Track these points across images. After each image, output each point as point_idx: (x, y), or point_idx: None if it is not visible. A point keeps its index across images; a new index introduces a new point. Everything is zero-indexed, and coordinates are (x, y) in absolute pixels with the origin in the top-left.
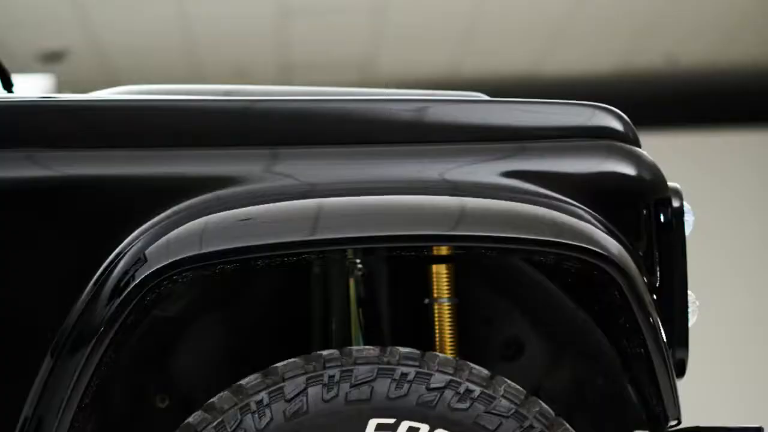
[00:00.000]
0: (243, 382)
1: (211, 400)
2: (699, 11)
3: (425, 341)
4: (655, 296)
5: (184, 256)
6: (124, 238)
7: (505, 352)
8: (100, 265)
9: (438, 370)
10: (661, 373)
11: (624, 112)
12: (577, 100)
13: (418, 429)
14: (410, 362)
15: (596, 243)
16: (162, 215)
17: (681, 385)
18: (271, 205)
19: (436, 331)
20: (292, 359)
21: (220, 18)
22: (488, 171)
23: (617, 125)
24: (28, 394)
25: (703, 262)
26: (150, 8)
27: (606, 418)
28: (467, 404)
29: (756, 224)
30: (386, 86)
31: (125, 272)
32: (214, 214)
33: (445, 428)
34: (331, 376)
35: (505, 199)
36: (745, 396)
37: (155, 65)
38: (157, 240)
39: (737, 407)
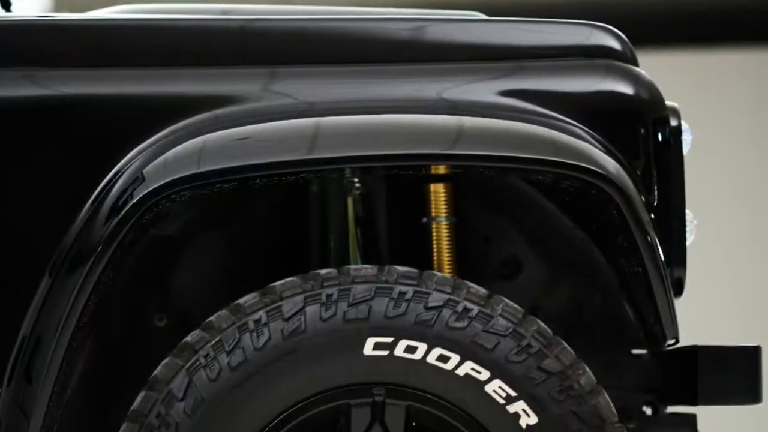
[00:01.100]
0: (241, 301)
1: (209, 319)
2: None
3: (423, 260)
4: (653, 215)
5: (182, 175)
6: (122, 158)
7: (503, 271)
8: (98, 185)
9: (436, 289)
10: (659, 292)
11: (621, 31)
12: (574, 19)
13: (416, 348)
14: (408, 281)
15: (594, 162)
16: (160, 134)
17: (679, 304)
18: (268, 124)
19: (434, 250)
20: (290, 278)
21: None
22: (486, 90)
23: (615, 44)
24: (26, 313)
25: (701, 182)
26: None
27: (604, 338)
28: (465, 323)
29: (754, 143)
30: (384, 6)
31: (123, 191)
32: (212, 134)
33: (442, 347)
34: (329, 295)
35: (503, 118)
36: (744, 315)
37: None
38: (155, 159)
39: (735, 327)
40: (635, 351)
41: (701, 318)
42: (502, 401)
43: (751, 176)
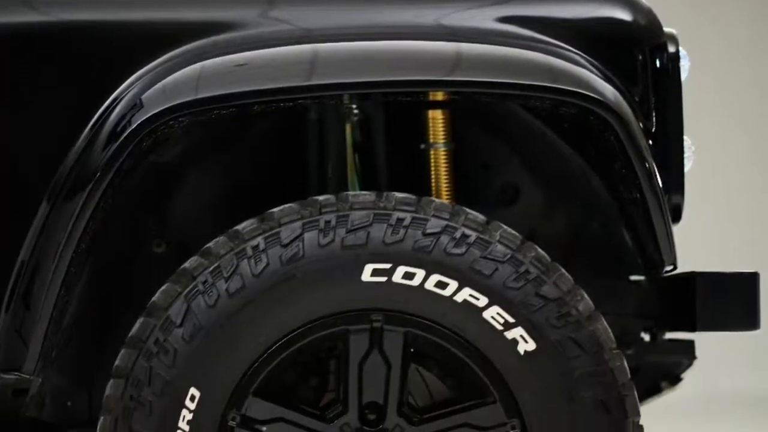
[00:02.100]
0: (239, 227)
1: (208, 245)
2: None
3: (421, 187)
4: (651, 142)
5: (180, 101)
6: (121, 84)
7: (502, 197)
8: (97, 111)
9: (434, 216)
10: (657, 219)
11: None
12: None
13: (414, 274)
14: (406, 207)
15: (592, 88)
16: (158, 61)
17: (677, 230)
18: (267, 50)
19: (432, 176)
20: (289, 204)
21: None
22: (484, 17)
23: None
24: (25, 239)
25: (699, 108)
26: None
27: (602, 264)
28: (463, 249)
29: (752, 68)
30: None
31: (122, 117)
32: (210, 60)
33: (440, 273)
34: (327, 222)
35: (502, 45)
36: (742, 242)
37: None
38: (154, 85)
39: (734, 253)
40: (633, 277)
41: (699, 244)
42: (500, 327)
43: (748, 102)
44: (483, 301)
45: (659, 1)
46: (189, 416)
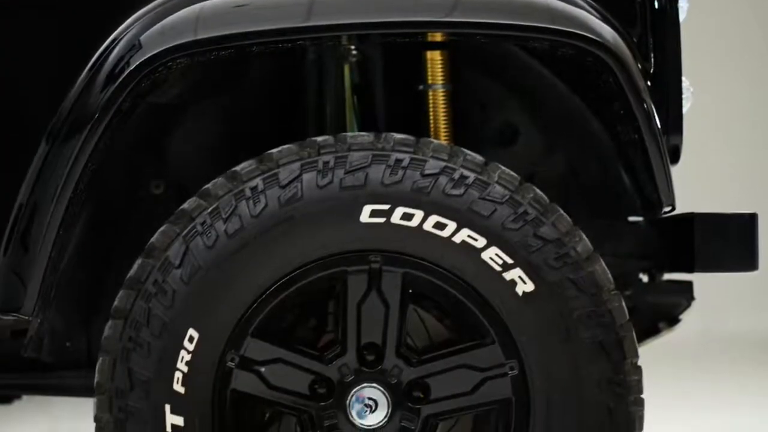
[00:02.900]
0: (238, 168)
1: (206, 186)
2: None
3: (420, 128)
4: (649, 83)
5: (179, 42)
6: (119, 25)
7: (500, 138)
8: (95, 52)
9: (432, 157)
10: (655, 159)
11: None
12: None
13: (413, 215)
14: (405, 148)
15: (590, 29)
16: (157, 2)
17: (675, 171)
18: None
19: (431, 117)
20: (287, 145)
21: None
22: None
23: None
24: (23, 181)
25: (697, 49)
26: None
27: (600, 205)
28: (461, 190)
29: (751, 9)
30: None
31: (120, 58)
32: (209, 1)
33: (439, 214)
34: (326, 163)
35: None
36: (740, 183)
37: None
38: (152, 26)
39: (732, 194)
40: (632, 218)
41: (698, 185)
42: (498, 268)
43: (748, 42)
44: (481, 242)
45: None
46: (187, 357)
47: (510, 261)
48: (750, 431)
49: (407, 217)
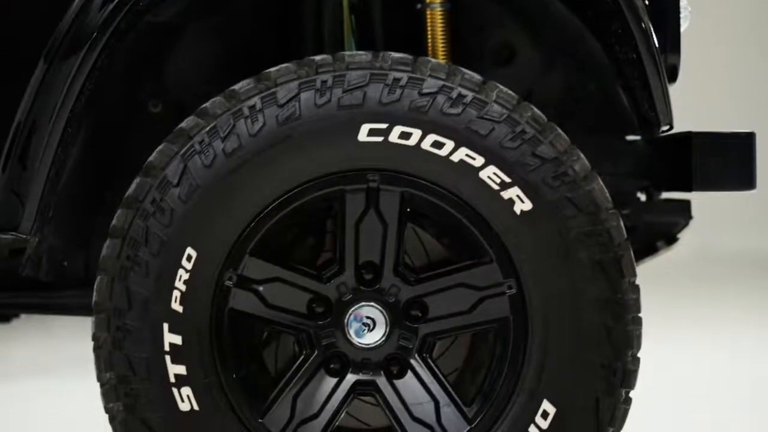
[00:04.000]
0: (236, 87)
1: (204, 105)
2: None
3: (418, 47)
4: (647, 1)
5: None
6: None
7: (498, 57)
8: None
9: (430, 75)
10: (653, 78)
11: None
12: None
13: (411, 134)
14: (403, 67)
15: None
16: None
17: (673, 90)
18: None
19: (429, 36)
20: (285, 64)
21: None
22: None
23: None
24: (20, 100)
25: None
26: None
27: (598, 124)
28: (459, 109)
29: None
30: None
31: None
32: None
33: (437, 133)
34: (324, 81)
35: None
36: (738, 102)
37: None
38: None
39: (730, 113)
40: (630, 137)
41: (697, 102)
42: (496, 187)
43: None
44: (479, 160)
45: None
46: (186, 276)
47: (508, 180)
48: (748, 348)
49: (405, 135)
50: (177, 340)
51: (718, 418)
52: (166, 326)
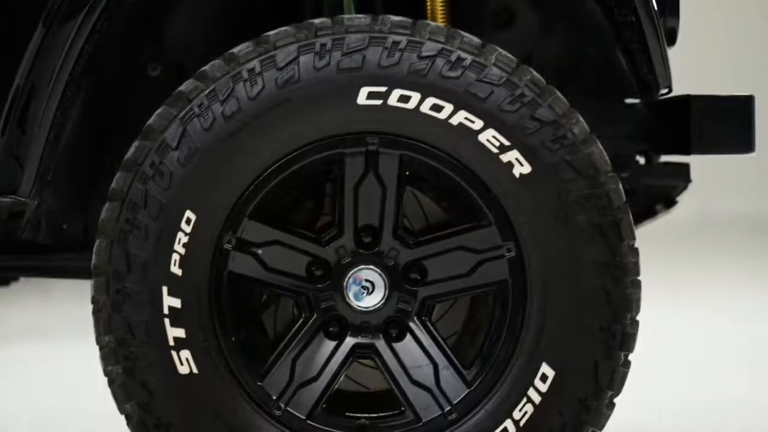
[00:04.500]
0: (235, 50)
1: (203, 68)
2: None
3: (417, 10)
4: None
5: None
6: None
7: (497, 20)
8: None
9: (429, 39)
10: (652, 41)
11: None
12: None
13: (410, 97)
14: (402, 30)
15: None
16: None
17: (672, 54)
18: None
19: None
20: (284, 27)
21: None
22: None
23: None
24: (19, 64)
25: None
26: None
27: (597, 87)
28: (458, 72)
29: None
30: None
31: None
32: None
33: (436, 96)
34: (323, 44)
35: None
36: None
37: None
38: None
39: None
40: (629, 100)
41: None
42: (495, 150)
43: None
44: (478, 124)
45: None
46: (185, 239)
47: (507, 143)
48: (747, 310)
49: (404, 99)
50: (176, 303)
51: (718, 380)
52: (165, 289)
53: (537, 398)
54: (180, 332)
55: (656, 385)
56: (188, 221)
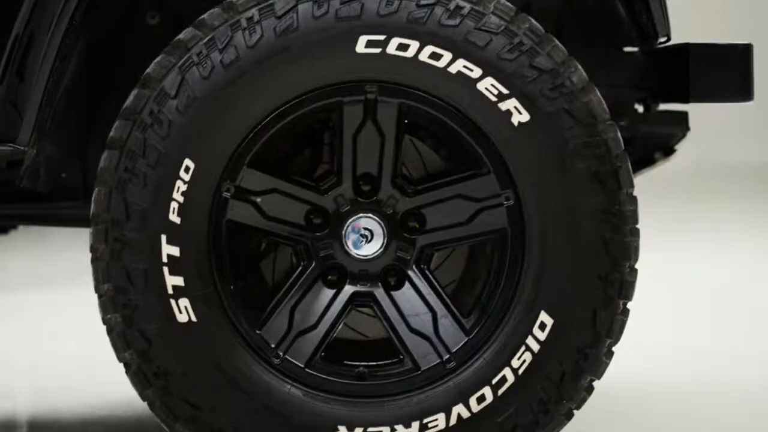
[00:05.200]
0: None
1: (202, 17)
2: None
3: None
4: None
5: None
6: None
7: None
8: None
9: None
10: None
11: None
12: None
13: (408, 45)
14: None
15: None
16: None
17: (671, 2)
18: None
19: None
20: None
21: None
22: None
23: None
24: (18, 13)
25: None
26: None
27: (596, 36)
28: (457, 21)
29: None
30: None
31: None
32: None
33: (434, 45)
34: None
35: None
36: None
37: None
38: None
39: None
40: (627, 49)
41: (693, 16)
42: (494, 99)
43: None
44: (477, 72)
45: None
46: (183, 187)
47: (505, 91)
48: (747, 258)
49: (403, 47)
50: (175, 251)
51: (718, 327)
52: (164, 237)
53: (535, 346)
54: (179, 280)
55: (655, 333)
56: (187, 170)
